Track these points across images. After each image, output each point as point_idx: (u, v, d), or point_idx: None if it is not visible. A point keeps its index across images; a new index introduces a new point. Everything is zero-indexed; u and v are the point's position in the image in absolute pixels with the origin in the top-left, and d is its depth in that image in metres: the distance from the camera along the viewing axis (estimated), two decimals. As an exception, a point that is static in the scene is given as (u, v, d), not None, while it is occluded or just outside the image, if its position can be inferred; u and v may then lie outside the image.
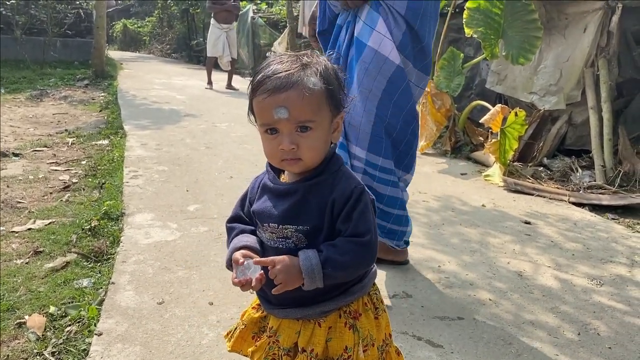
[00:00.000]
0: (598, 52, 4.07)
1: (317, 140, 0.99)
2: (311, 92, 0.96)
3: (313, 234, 1.00)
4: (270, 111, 0.96)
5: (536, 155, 4.30)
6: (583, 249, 2.70)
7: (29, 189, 3.37)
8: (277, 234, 1.02)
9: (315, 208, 1.00)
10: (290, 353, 1.05)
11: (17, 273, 2.23)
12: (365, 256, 0.99)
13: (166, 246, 2.41)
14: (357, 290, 1.05)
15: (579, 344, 1.83)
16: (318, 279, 0.96)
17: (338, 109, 1.03)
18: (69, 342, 1.74)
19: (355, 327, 1.04)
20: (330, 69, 1.03)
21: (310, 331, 1.04)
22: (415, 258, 2.46)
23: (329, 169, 1.03)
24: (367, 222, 0.98)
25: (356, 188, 1.00)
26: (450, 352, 1.72)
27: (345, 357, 1.03)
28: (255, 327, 1.14)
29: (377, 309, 1.10)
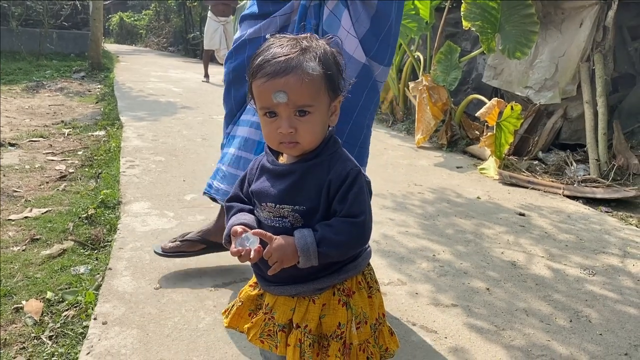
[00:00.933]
0: (594, 47, 4.09)
1: (315, 124, 1.00)
2: (310, 77, 0.97)
3: (309, 214, 1.02)
4: (269, 95, 0.97)
5: (531, 149, 4.33)
6: (576, 240, 2.73)
7: (26, 179, 3.37)
8: (275, 213, 1.03)
9: (312, 189, 1.01)
10: (285, 329, 1.07)
11: (14, 260, 2.23)
12: (359, 236, 1.01)
13: (163, 234, 2.42)
14: (351, 269, 1.07)
15: (570, 330, 1.85)
16: (313, 257, 0.98)
17: (336, 92, 1.05)
18: (66, 326, 1.75)
19: (348, 305, 1.07)
20: (329, 53, 1.04)
21: (304, 308, 1.06)
22: (409, 247, 2.48)
23: (326, 151, 1.04)
24: (361, 203, 1.00)
25: (352, 170, 1.01)
26: (444, 337, 1.75)
27: (339, 333, 1.05)
28: (252, 305, 1.16)
29: (371, 289, 1.12)
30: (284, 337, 1.07)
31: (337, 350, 1.04)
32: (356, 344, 1.06)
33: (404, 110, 5.76)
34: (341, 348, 1.05)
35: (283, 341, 1.07)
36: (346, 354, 1.05)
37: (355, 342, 1.06)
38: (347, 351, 1.05)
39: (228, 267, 2.16)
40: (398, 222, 2.82)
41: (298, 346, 1.04)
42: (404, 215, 2.93)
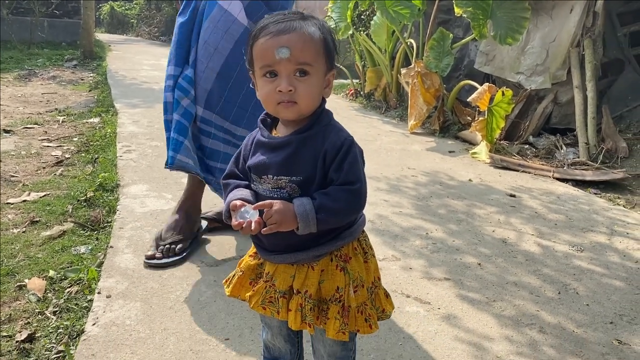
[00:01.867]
0: (584, 33, 4.16)
1: (313, 86, 1.04)
2: (311, 38, 1.03)
3: (306, 184, 1.06)
4: (272, 52, 1.01)
5: (522, 134, 4.40)
6: (565, 220, 2.80)
7: (22, 164, 3.39)
8: (272, 185, 1.07)
9: (308, 159, 1.05)
10: (286, 295, 1.12)
11: (15, 241, 2.27)
12: (356, 202, 1.06)
13: (162, 214, 2.47)
14: (347, 235, 1.11)
15: (558, 301, 1.93)
16: (312, 224, 1.02)
17: (331, 64, 1.09)
18: (70, 301, 1.79)
19: (346, 270, 1.11)
20: (326, 26, 1.09)
21: (304, 274, 1.10)
22: (403, 226, 2.55)
23: (320, 123, 1.08)
24: (356, 171, 1.05)
25: (346, 140, 1.06)
26: (437, 308, 1.81)
27: (337, 296, 1.10)
28: (252, 274, 1.20)
29: (367, 254, 1.17)
30: (285, 303, 1.11)
31: (336, 313, 1.09)
32: (354, 307, 1.11)
33: (397, 97, 5.81)
34: (340, 310, 1.10)
35: (285, 307, 1.11)
36: (345, 315, 1.10)
37: (353, 305, 1.11)
38: (345, 313, 1.10)
39: (227, 244, 2.21)
40: (392, 203, 2.88)
41: (299, 310, 1.09)
42: (397, 196, 2.99)
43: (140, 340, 1.54)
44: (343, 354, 1.20)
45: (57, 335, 1.61)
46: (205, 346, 1.52)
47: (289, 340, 1.28)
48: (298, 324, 1.09)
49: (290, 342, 1.28)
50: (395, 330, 1.66)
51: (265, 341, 1.30)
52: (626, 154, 3.84)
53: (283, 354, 1.30)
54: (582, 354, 1.61)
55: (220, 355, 1.49)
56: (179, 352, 1.49)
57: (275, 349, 1.30)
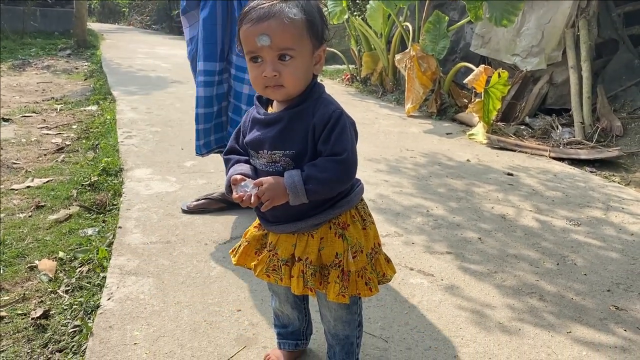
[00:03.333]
0: (578, 13, 4.19)
1: (297, 68, 1.07)
2: (291, 21, 1.04)
3: (298, 158, 1.10)
4: (253, 39, 1.05)
5: (518, 115, 4.45)
6: (562, 196, 2.86)
7: (23, 151, 3.41)
8: (268, 159, 1.12)
9: (299, 133, 1.10)
10: (289, 263, 1.17)
11: (22, 225, 2.30)
12: (343, 172, 1.09)
13: (167, 196, 2.51)
14: (344, 204, 1.16)
15: (557, 272, 1.99)
16: (301, 194, 1.06)
17: (319, 41, 1.11)
18: (81, 280, 1.84)
19: (344, 236, 1.17)
20: (313, 3, 1.11)
21: (304, 242, 1.16)
22: (404, 205, 2.60)
23: (310, 97, 1.12)
24: (343, 142, 1.08)
25: (334, 112, 1.09)
26: (440, 280, 1.87)
27: (337, 262, 1.16)
28: (257, 244, 1.25)
29: (365, 221, 1.22)
30: (287, 270, 1.17)
31: (336, 277, 1.15)
32: (354, 271, 1.16)
33: (394, 81, 5.83)
34: (340, 275, 1.15)
35: (287, 274, 1.17)
36: (345, 279, 1.15)
37: (352, 269, 1.16)
38: (345, 277, 1.15)
39: (234, 222, 2.25)
40: (392, 183, 2.92)
41: (301, 276, 1.15)
42: (397, 177, 3.04)
43: (155, 312, 1.58)
44: (349, 317, 1.26)
45: (71, 312, 1.65)
46: (219, 317, 1.57)
47: (296, 307, 1.33)
48: (300, 288, 1.14)
49: (297, 308, 1.34)
50: (401, 300, 1.72)
51: (274, 309, 1.36)
52: (621, 132, 3.89)
53: (292, 320, 1.36)
54: (582, 319, 1.67)
55: (234, 325, 1.54)
56: (194, 323, 1.54)
57: (284, 316, 1.36)
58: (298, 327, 1.37)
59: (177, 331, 1.50)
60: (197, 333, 1.50)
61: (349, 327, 1.26)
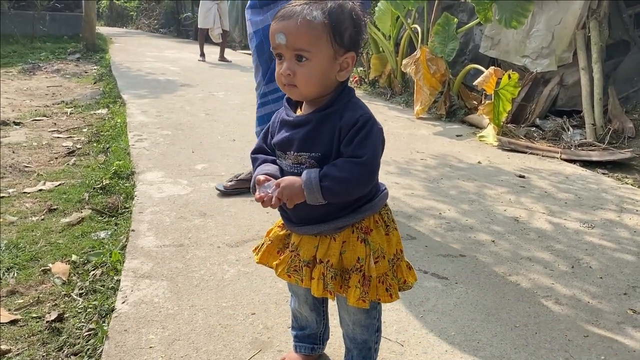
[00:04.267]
0: (589, 14, 4.16)
1: (312, 70, 1.07)
2: (308, 23, 1.04)
3: (324, 160, 1.10)
4: (274, 36, 1.08)
5: (529, 117, 4.42)
6: (575, 198, 2.84)
7: (35, 155, 3.43)
8: (294, 161, 1.12)
9: (326, 136, 1.09)
10: (310, 265, 1.17)
11: (35, 228, 2.31)
12: (361, 174, 1.07)
13: (179, 199, 2.51)
14: (368, 209, 1.16)
15: (572, 275, 1.97)
16: (316, 191, 1.05)
17: (346, 47, 1.09)
18: (95, 283, 1.84)
19: (366, 241, 1.16)
20: (345, 9, 1.09)
21: (326, 245, 1.16)
22: (416, 207, 2.59)
23: (340, 100, 1.12)
24: (366, 146, 1.06)
25: (362, 116, 1.08)
26: (454, 283, 1.86)
27: (358, 266, 1.15)
28: (280, 243, 1.25)
29: (388, 227, 1.21)
30: (308, 272, 1.17)
31: (356, 282, 1.14)
32: (375, 277, 1.15)
33: (402, 83, 5.82)
34: (360, 279, 1.14)
35: (308, 275, 1.17)
36: (365, 284, 1.14)
37: (373, 275, 1.15)
38: (366, 282, 1.15)
39: (246, 225, 2.25)
40: (403, 185, 2.91)
41: (321, 279, 1.14)
42: (408, 179, 3.03)
43: (169, 316, 1.58)
44: (367, 322, 1.25)
45: (86, 315, 1.66)
46: (233, 320, 1.57)
47: (314, 309, 1.33)
48: (320, 291, 1.14)
49: (315, 310, 1.33)
50: (415, 303, 1.71)
51: (293, 310, 1.36)
52: (633, 134, 3.86)
53: (309, 322, 1.35)
54: (599, 323, 1.66)
55: (248, 328, 1.54)
56: (208, 327, 1.54)
57: (302, 318, 1.35)
58: (315, 330, 1.37)
59: (192, 335, 1.50)
60: (212, 337, 1.49)
61: (367, 331, 1.25)
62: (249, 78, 6.96)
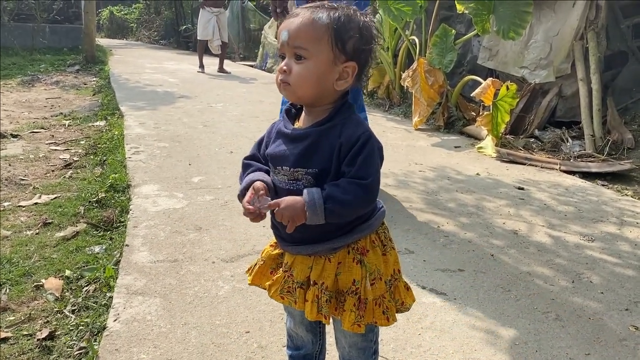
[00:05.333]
0: (587, 26, 4.17)
1: (308, 71, 1.05)
2: (311, 22, 1.04)
3: (321, 177, 1.06)
4: (279, 36, 1.08)
5: (527, 128, 4.41)
6: (575, 211, 2.81)
7: (31, 167, 3.41)
8: (289, 177, 1.09)
9: (325, 152, 1.06)
10: (304, 286, 1.13)
11: (29, 242, 2.28)
12: (365, 197, 1.05)
13: (175, 213, 2.49)
14: (365, 228, 1.12)
15: (573, 290, 1.94)
16: (320, 212, 1.01)
17: (347, 54, 1.07)
18: (88, 299, 1.81)
19: (362, 262, 1.12)
20: (355, 18, 1.07)
21: (321, 266, 1.11)
22: (415, 220, 2.56)
23: (340, 115, 1.09)
24: (369, 167, 1.04)
25: (363, 135, 1.05)
26: (453, 299, 1.83)
27: (354, 289, 1.11)
28: (273, 263, 1.21)
29: (385, 247, 1.17)
30: (302, 294, 1.12)
31: (352, 305, 1.10)
32: (371, 299, 1.11)
33: (400, 94, 5.82)
34: (356, 303, 1.10)
35: (301, 297, 1.12)
36: (361, 308, 1.10)
37: (370, 298, 1.11)
38: (362, 306, 1.10)
39: (242, 239, 2.23)
40: (401, 198, 2.89)
41: (315, 302, 1.10)
42: (406, 191, 3.01)
43: (162, 334, 1.55)
44: (364, 344, 1.21)
45: (77, 333, 1.63)
46: (227, 339, 1.54)
47: (311, 330, 1.29)
48: (314, 314, 1.09)
49: (311, 331, 1.29)
50: (413, 320, 1.68)
51: (288, 330, 1.32)
52: (632, 145, 3.85)
53: (305, 343, 1.31)
54: (600, 340, 1.62)
55: (242, 347, 1.50)
56: (201, 346, 1.50)
57: (298, 338, 1.31)
58: (311, 351, 1.33)
59: (185, 354, 1.47)
60: (204, 356, 1.46)
61: (363, 354, 1.21)
62: (248, 89, 6.98)
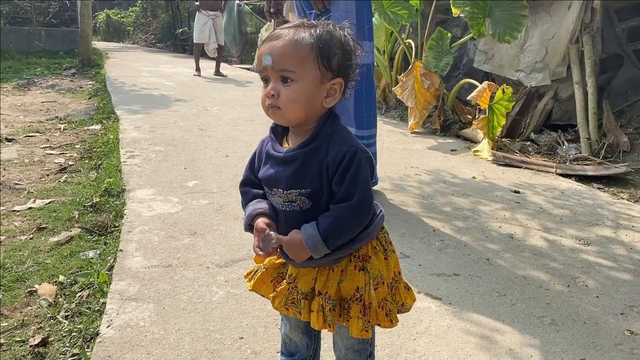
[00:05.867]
0: (582, 29, 4.18)
1: (296, 93, 1.04)
2: (295, 43, 1.03)
3: (315, 196, 1.07)
4: (261, 59, 1.06)
5: (523, 131, 4.41)
6: (570, 214, 2.81)
7: (26, 172, 3.40)
8: (284, 199, 1.09)
9: (314, 172, 1.06)
10: (308, 297, 1.13)
11: (23, 247, 2.27)
12: (359, 216, 1.07)
13: (170, 217, 2.48)
14: (364, 237, 1.12)
15: (568, 294, 1.93)
16: (322, 250, 1.05)
17: (334, 73, 1.07)
18: (81, 305, 1.80)
19: (365, 269, 1.12)
20: (335, 35, 1.07)
21: (325, 276, 1.12)
22: (410, 224, 2.55)
23: (324, 133, 1.08)
24: (358, 183, 1.04)
25: (349, 151, 1.05)
26: (448, 303, 1.82)
27: (358, 296, 1.11)
28: (274, 272, 1.21)
29: (386, 250, 1.18)
30: (307, 304, 1.13)
31: (358, 312, 1.10)
32: (375, 304, 1.12)
33: (396, 97, 5.81)
34: (362, 309, 1.11)
35: (306, 308, 1.13)
36: (367, 314, 1.11)
37: (374, 303, 1.12)
38: (367, 311, 1.11)
39: (237, 244, 2.22)
40: (397, 202, 2.89)
41: (320, 311, 1.10)
42: (402, 195, 3.00)
43: (155, 340, 1.54)
44: (360, 347, 1.21)
45: (70, 339, 1.61)
46: (220, 345, 1.53)
47: (307, 333, 1.29)
48: (320, 324, 1.10)
49: (307, 334, 1.29)
50: (408, 325, 1.67)
51: (283, 335, 1.32)
52: (628, 148, 3.85)
53: (300, 348, 1.31)
54: (595, 345, 1.62)
55: (236, 353, 1.49)
56: (195, 352, 1.49)
57: (292, 344, 1.31)
58: (305, 356, 1.32)
59: (178, 360, 1.46)
60: (198, 362, 1.45)
61: (359, 357, 1.22)
62: (244, 93, 6.97)
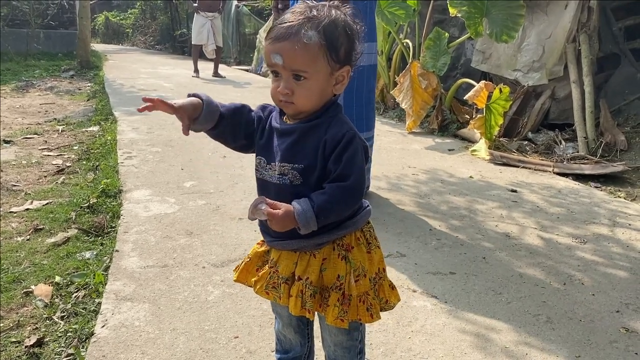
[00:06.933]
0: (579, 28, 4.18)
1: (310, 89, 1.07)
2: (304, 46, 1.04)
3: (307, 172, 1.09)
4: (270, 56, 1.08)
5: (521, 130, 4.42)
6: (567, 213, 2.81)
7: (24, 173, 3.40)
8: (277, 171, 1.11)
9: (310, 148, 1.09)
10: (289, 281, 1.15)
11: (20, 248, 2.27)
12: (351, 198, 1.09)
13: (166, 218, 2.48)
14: (349, 225, 1.14)
15: (564, 292, 1.94)
16: (313, 226, 1.06)
17: (342, 62, 1.10)
18: (77, 305, 1.80)
19: (347, 259, 1.14)
20: (338, 22, 1.09)
21: (306, 262, 1.13)
22: (407, 223, 2.56)
23: (327, 114, 1.11)
24: (353, 166, 1.07)
25: (347, 133, 1.08)
26: (444, 302, 1.82)
27: (338, 284, 1.12)
28: (259, 261, 1.23)
29: (370, 245, 1.19)
30: (287, 289, 1.14)
31: (336, 300, 1.12)
32: (355, 295, 1.13)
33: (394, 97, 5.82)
34: (340, 298, 1.12)
35: (286, 292, 1.14)
36: (345, 304, 1.12)
37: (354, 294, 1.13)
38: (346, 301, 1.12)
39: (233, 244, 2.22)
40: (394, 201, 2.89)
41: (299, 296, 1.12)
42: (399, 195, 3.00)
43: (150, 340, 1.54)
44: (349, 343, 1.22)
45: (66, 339, 1.61)
46: (215, 345, 1.53)
47: (299, 331, 1.29)
48: (298, 309, 1.11)
49: (300, 333, 1.30)
50: (403, 324, 1.67)
51: (277, 332, 1.32)
52: (625, 147, 3.86)
53: (294, 345, 1.32)
54: (591, 342, 1.62)
55: (231, 353, 1.50)
56: (189, 351, 1.49)
57: (287, 341, 1.32)
58: (299, 354, 1.33)
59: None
60: (193, 361, 1.45)
61: (349, 353, 1.22)
62: (242, 94, 6.97)
